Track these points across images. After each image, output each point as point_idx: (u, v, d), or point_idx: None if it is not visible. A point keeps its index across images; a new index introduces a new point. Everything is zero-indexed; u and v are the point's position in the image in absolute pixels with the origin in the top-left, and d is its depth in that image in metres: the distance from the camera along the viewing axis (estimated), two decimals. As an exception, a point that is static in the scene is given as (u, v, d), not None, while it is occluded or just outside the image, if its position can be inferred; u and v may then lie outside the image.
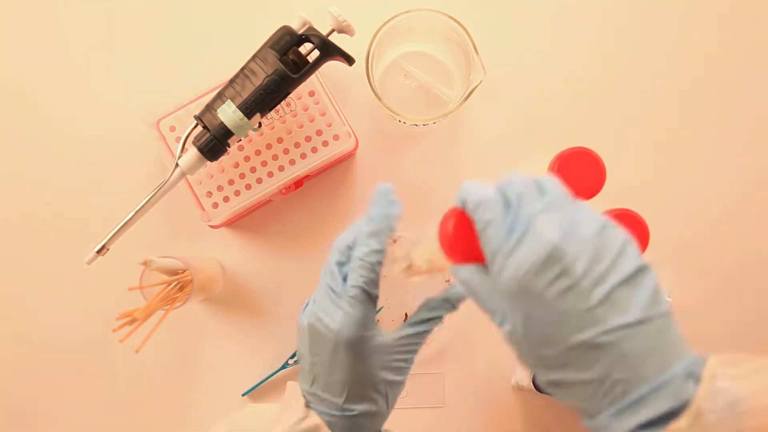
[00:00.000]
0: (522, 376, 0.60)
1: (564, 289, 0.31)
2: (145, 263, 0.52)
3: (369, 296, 0.43)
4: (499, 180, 0.36)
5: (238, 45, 0.56)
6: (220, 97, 0.52)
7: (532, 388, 0.60)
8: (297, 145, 0.59)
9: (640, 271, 0.32)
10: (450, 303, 0.46)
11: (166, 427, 0.63)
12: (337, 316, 0.42)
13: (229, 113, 0.51)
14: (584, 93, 0.55)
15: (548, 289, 0.32)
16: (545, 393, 0.60)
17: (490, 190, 0.36)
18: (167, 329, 0.56)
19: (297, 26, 0.53)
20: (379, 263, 0.44)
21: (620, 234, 0.33)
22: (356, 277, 0.43)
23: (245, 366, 0.63)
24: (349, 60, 0.54)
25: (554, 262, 0.32)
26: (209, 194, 0.58)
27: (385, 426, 0.49)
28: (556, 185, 0.35)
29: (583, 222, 0.33)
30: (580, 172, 0.53)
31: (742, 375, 0.30)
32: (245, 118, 0.52)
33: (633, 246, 0.33)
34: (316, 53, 0.53)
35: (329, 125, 0.59)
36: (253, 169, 0.59)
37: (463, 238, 0.37)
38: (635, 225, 0.53)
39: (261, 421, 0.45)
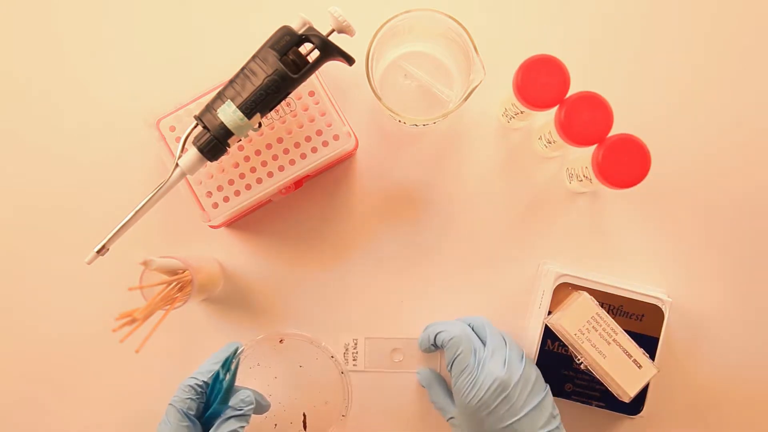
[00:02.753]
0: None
1: (505, 407, 0.51)
2: (145, 263, 0.52)
3: (184, 416, 0.51)
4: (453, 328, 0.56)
5: (238, 45, 0.56)
6: (220, 97, 0.52)
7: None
8: (297, 145, 0.59)
9: (546, 395, 0.53)
10: (243, 415, 0.53)
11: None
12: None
13: (229, 113, 0.51)
14: (585, 87, 0.55)
15: (497, 406, 0.51)
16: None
17: (460, 331, 0.56)
18: (167, 329, 0.56)
19: (297, 26, 0.53)
20: (195, 390, 0.52)
21: (534, 367, 0.55)
22: (173, 398, 0.52)
23: (245, 366, 0.63)
24: (349, 60, 0.54)
25: (502, 390, 0.51)
26: (209, 194, 0.58)
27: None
28: (486, 330, 0.56)
29: (514, 359, 0.53)
30: (588, 116, 0.54)
31: None
32: (245, 118, 0.52)
33: (540, 374, 0.55)
34: (316, 53, 0.53)
35: (329, 125, 0.59)
36: (253, 169, 0.59)
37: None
38: (637, 150, 0.54)
39: None
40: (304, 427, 0.62)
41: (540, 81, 0.54)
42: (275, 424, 0.62)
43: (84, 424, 0.63)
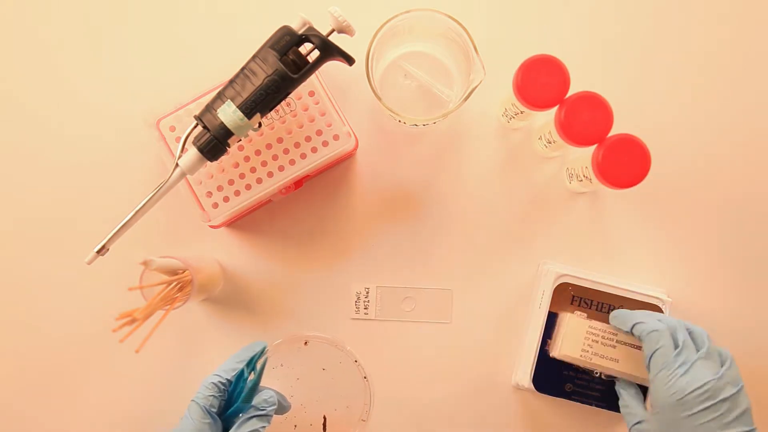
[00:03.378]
0: (522, 376, 0.60)
1: (710, 416, 0.47)
2: (145, 263, 0.52)
3: (206, 413, 0.51)
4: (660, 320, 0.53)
5: (238, 45, 0.56)
6: (220, 97, 0.52)
7: (532, 388, 0.60)
8: (297, 145, 0.59)
9: (746, 409, 0.48)
10: (265, 415, 0.52)
11: (166, 427, 0.63)
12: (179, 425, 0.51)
13: (229, 113, 0.51)
14: (585, 87, 0.56)
15: (700, 411, 0.47)
16: (545, 393, 0.60)
17: (662, 324, 0.52)
18: (167, 329, 0.56)
19: (297, 26, 0.53)
20: (218, 387, 0.52)
21: (738, 375, 0.50)
22: (196, 394, 0.52)
23: (245, 366, 0.63)
24: (349, 60, 0.54)
25: (710, 396, 0.47)
26: (209, 194, 0.58)
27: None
28: (706, 339, 0.52)
29: (732, 371, 0.49)
30: (588, 116, 0.54)
31: None
32: (245, 118, 0.52)
33: (742, 383, 0.49)
34: (316, 53, 0.53)
35: (329, 125, 0.59)
36: (253, 169, 0.59)
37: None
38: (637, 150, 0.54)
39: None
40: (324, 429, 0.62)
41: (540, 81, 0.54)
42: (295, 425, 0.62)
43: (84, 424, 0.63)
